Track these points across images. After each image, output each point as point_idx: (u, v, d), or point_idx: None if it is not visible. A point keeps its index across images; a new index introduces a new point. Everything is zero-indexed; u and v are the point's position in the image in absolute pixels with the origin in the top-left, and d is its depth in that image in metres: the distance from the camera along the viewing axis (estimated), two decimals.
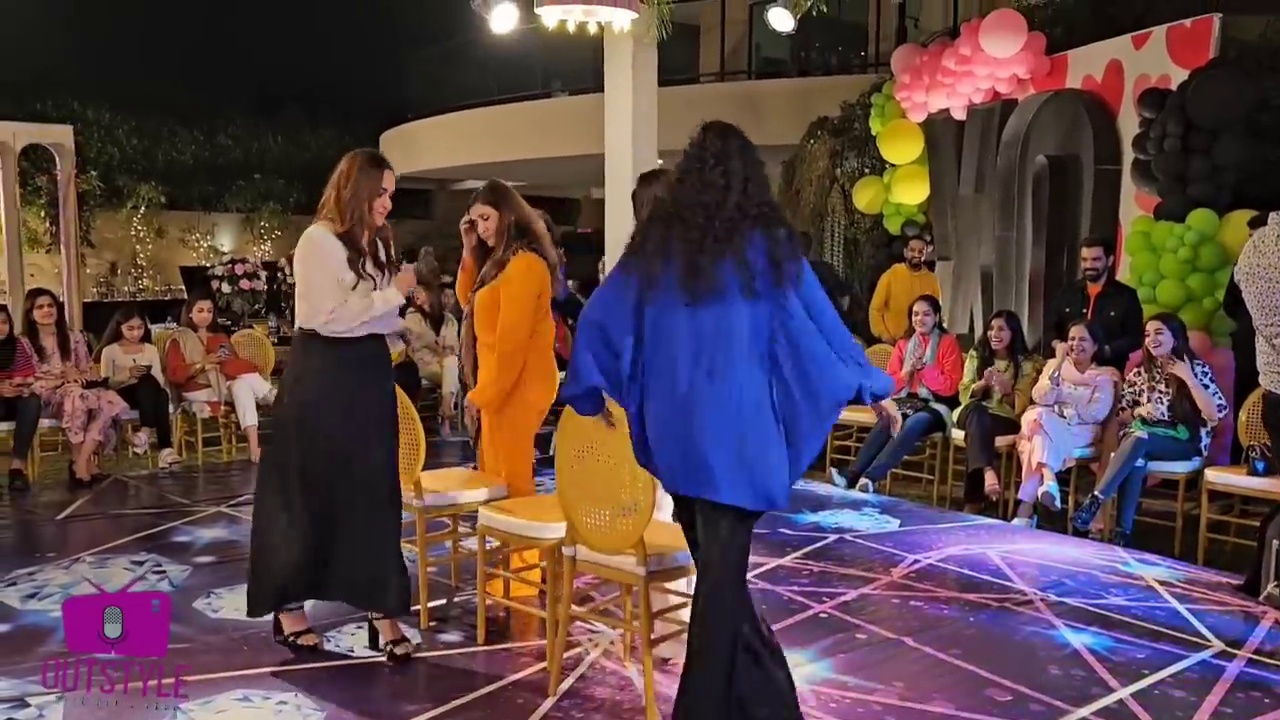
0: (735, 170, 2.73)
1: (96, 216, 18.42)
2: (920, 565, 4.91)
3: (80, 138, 18.68)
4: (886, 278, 8.17)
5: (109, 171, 18.76)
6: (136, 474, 6.88)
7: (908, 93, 9.30)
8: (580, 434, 3.20)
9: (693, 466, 2.68)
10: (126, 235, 19.20)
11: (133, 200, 18.86)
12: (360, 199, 3.59)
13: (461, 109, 17.40)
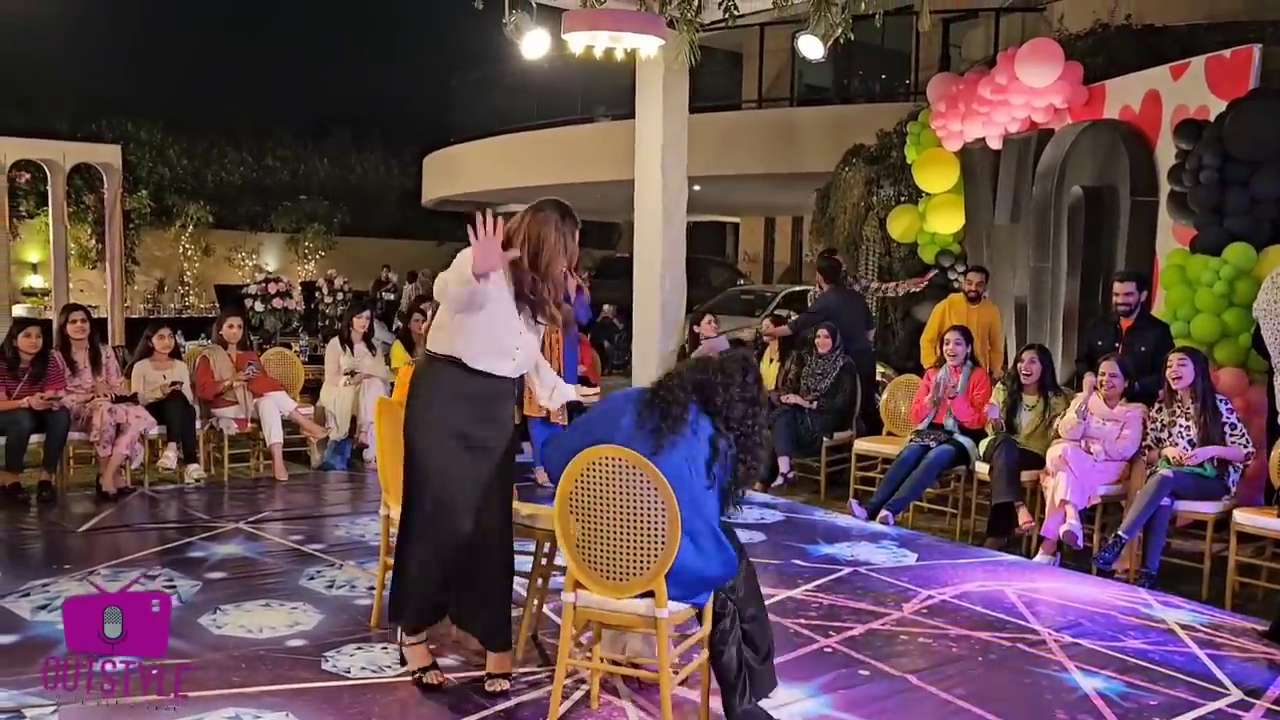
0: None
1: (146, 234, 18.86)
2: (934, 601, 4.81)
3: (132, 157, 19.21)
4: (942, 308, 7.88)
5: (159, 191, 19.22)
6: (163, 488, 6.96)
7: (943, 121, 9.23)
8: (590, 475, 3.10)
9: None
10: (175, 253, 19.63)
11: (181, 219, 19.28)
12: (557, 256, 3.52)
13: (503, 133, 17.59)
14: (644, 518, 3.00)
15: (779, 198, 17.22)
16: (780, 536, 6.00)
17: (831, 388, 7.49)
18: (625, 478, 3.00)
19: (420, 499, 3.54)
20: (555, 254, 3.51)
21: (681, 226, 8.57)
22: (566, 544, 3.12)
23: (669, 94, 8.38)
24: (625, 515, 3.02)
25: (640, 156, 8.65)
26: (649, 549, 3.02)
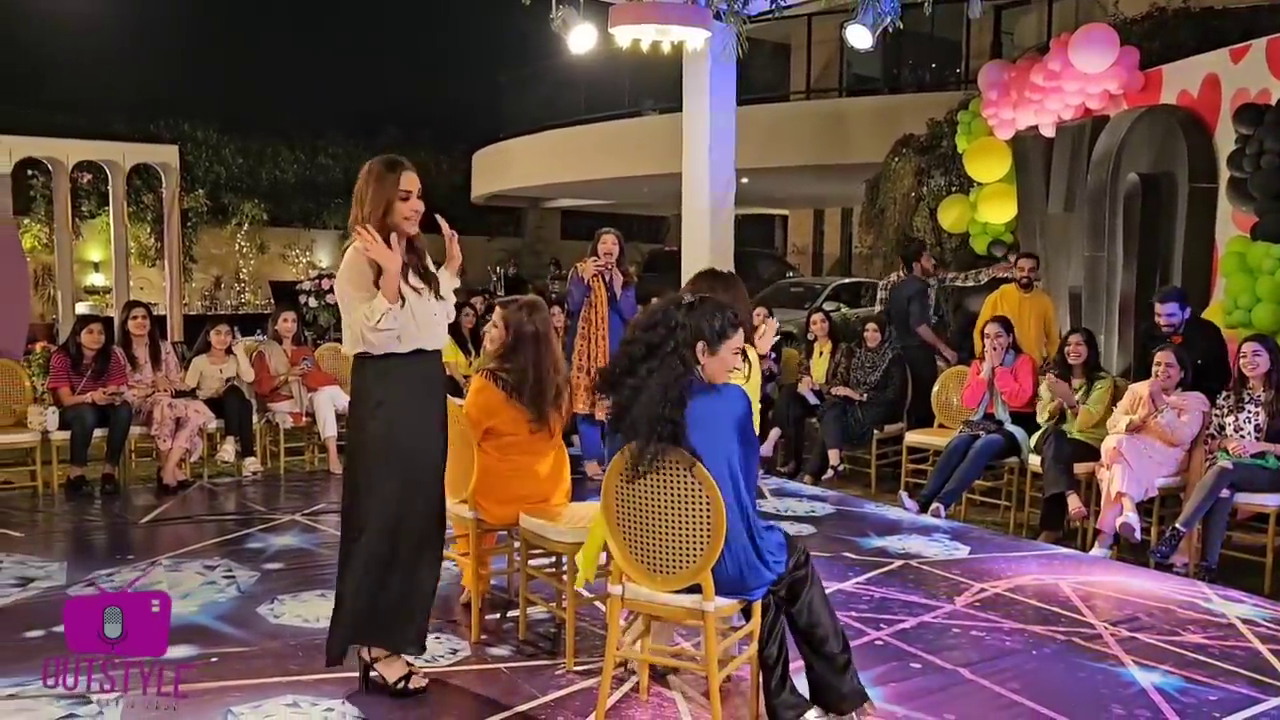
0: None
1: (203, 232, 19.22)
2: (986, 594, 4.76)
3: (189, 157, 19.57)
4: (994, 298, 7.64)
5: (215, 189, 19.56)
6: (221, 481, 7.10)
7: (995, 110, 9.10)
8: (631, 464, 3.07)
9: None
10: (231, 251, 19.97)
11: (237, 217, 19.61)
12: (378, 208, 3.35)
13: (551, 128, 17.66)
14: (690, 512, 3.00)
15: (827, 189, 17.10)
16: (831, 529, 5.97)
17: (881, 380, 7.44)
18: (670, 472, 3.00)
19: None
20: (376, 205, 3.36)
21: (729, 220, 8.55)
22: (613, 537, 3.14)
23: (716, 86, 8.35)
24: (671, 509, 3.02)
25: (688, 150, 8.64)
26: (695, 542, 3.02)
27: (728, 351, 3.13)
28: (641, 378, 3.05)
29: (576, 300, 6.99)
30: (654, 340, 3.07)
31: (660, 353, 3.05)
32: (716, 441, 3.02)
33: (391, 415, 3.41)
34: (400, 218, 3.37)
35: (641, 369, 3.06)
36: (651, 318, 3.12)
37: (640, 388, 3.04)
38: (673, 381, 3.02)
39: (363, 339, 3.36)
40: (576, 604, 3.90)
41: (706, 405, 3.04)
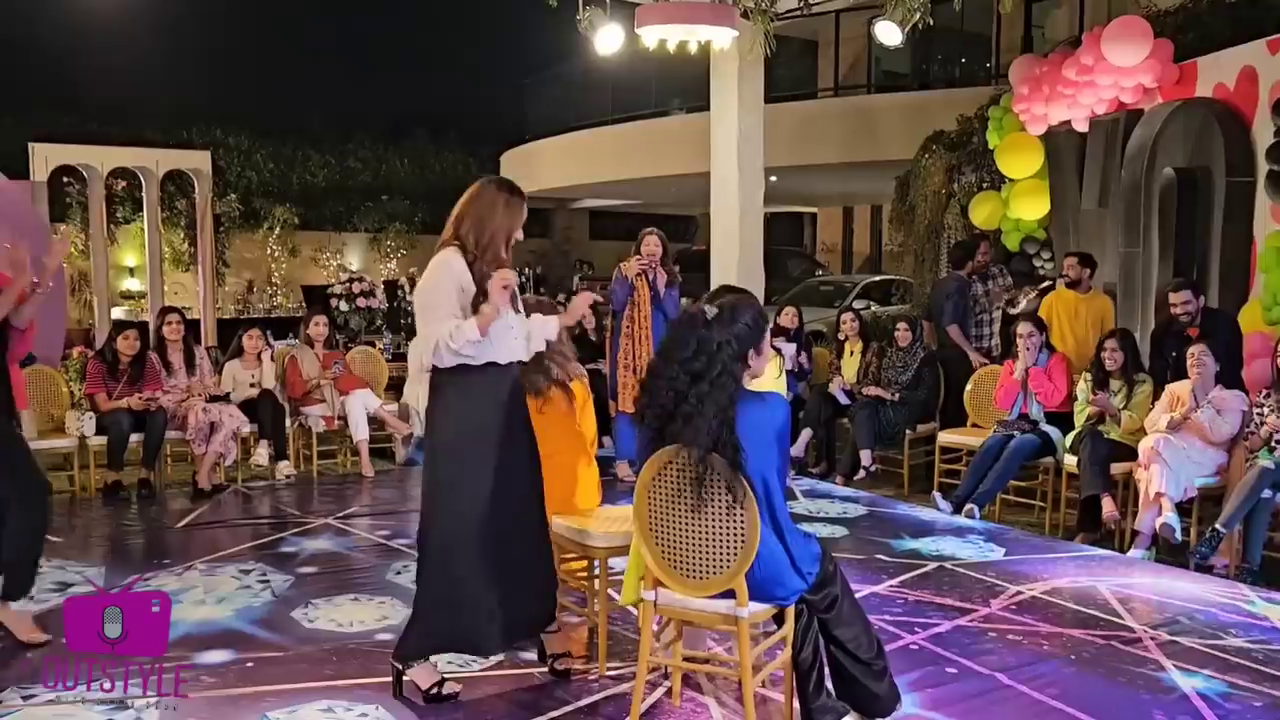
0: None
1: (235, 237, 19.39)
2: (1023, 597, 4.71)
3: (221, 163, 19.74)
4: (1050, 300, 7.38)
5: (247, 194, 19.73)
6: (255, 485, 7.16)
7: (1026, 104, 9.00)
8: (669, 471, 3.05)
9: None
10: (263, 255, 20.12)
11: (269, 221, 19.78)
12: (500, 236, 3.39)
13: (578, 129, 17.66)
14: (724, 517, 2.98)
15: (857, 187, 16.99)
16: (863, 531, 5.93)
17: (913, 379, 7.38)
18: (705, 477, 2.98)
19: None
20: (498, 232, 3.42)
21: (758, 219, 8.52)
22: (645, 541, 3.12)
23: (744, 85, 8.32)
24: (705, 514, 3.00)
25: (716, 149, 8.61)
26: (729, 547, 3.00)
27: (766, 342, 3.14)
28: (693, 405, 2.97)
29: (620, 300, 7.01)
30: (699, 369, 2.98)
31: (709, 376, 2.97)
32: (758, 451, 3.00)
33: (460, 425, 3.47)
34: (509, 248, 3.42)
35: (691, 396, 2.97)
36: (684, 345, 3.00)
37: (693, 414, 2.97)
38: (728, 403, 2.97)
39: (436, 352, 3.38)
40: (608, 608, 3.89)
41: (752, 415, 3.00)
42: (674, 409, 3.00)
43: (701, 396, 2.97)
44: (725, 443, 2.93)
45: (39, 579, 4.84)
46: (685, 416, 2.98)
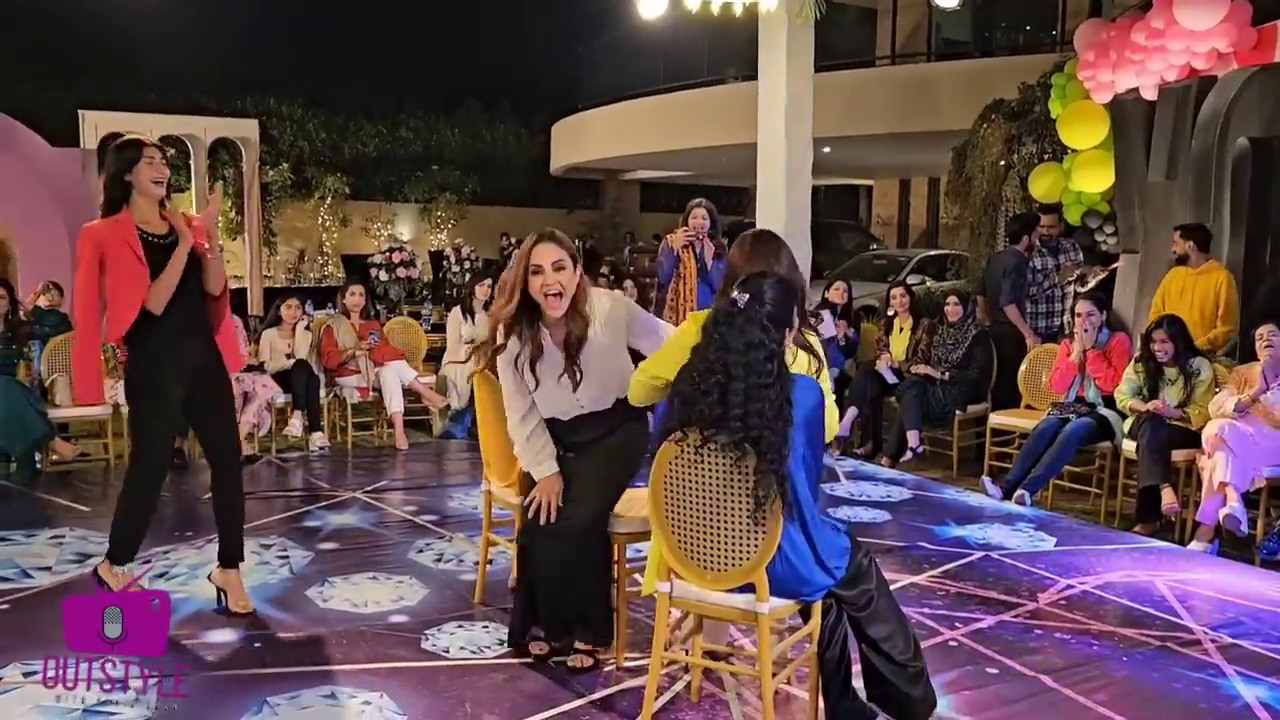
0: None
1: (287, 206, 19.47)
2: (1073, 592, 4.43)
3: (274, 132, 19.79)
4: (1166, 281, 6.80)
5: (300, 163, 19.79)
6: (289, 456, 7.09)
7: (1092, 71, 8.57)
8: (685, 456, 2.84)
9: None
10: (314, 224, 20.20)
11: (320, 191, 19.83)
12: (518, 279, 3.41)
13: (629, 98, 17.40)
14: (743, 506, 2.77)
15: (914, 158, 16.53)
16: (906, 516, 5.68)
17: (964, 358, 7.07)
18: (723, 462, 2.77)
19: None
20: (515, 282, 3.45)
21: (806, 190, 8.20)
22: (661, 528, 2.92)
23: (793, 50, 7.98)
24: (723, 501, 2.79)
25: (763, 117, 8.29)
26: (748, 539, 2.79)
27: (796, 317, 2.95)
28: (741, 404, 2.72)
29: (666, 272, 6.81)
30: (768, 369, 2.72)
31: (774, 374, 2.73)
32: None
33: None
34: (537, 293, 3.38)
35: (772, 401, 2.72)
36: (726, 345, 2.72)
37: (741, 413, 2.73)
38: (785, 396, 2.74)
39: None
40: (629, 596, 3.70)
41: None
42: (723, 414, 2.74)
43: (777, 398, 2.73)
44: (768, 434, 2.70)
45: (61, 547, 4.83)
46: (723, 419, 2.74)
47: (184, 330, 3.85)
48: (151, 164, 3.76)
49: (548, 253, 3.37)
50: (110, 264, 3.73)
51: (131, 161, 3.74)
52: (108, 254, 3.72)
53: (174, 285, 3.76)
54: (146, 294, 3.72)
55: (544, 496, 3.45)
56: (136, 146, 3.78)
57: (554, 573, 3.40)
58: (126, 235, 3.73)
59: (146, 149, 3.77)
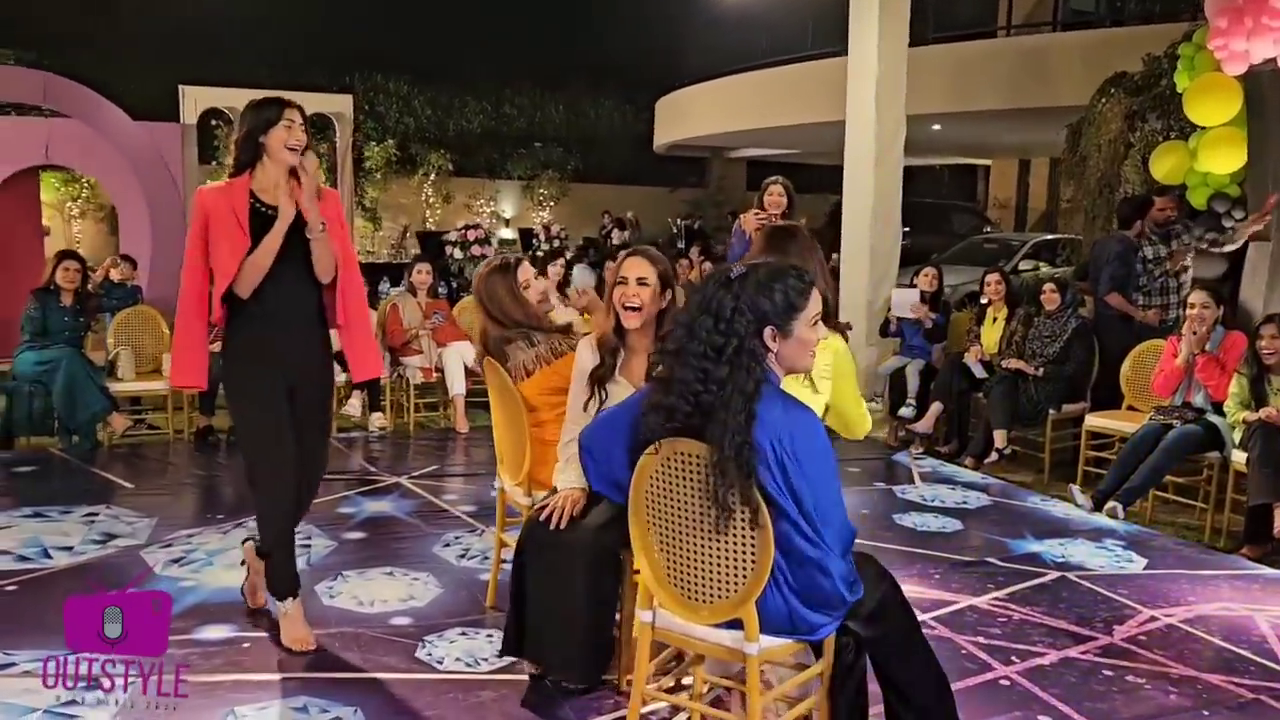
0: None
1: (391, 182, 19.64)
2: (1156, 625, 3.91)
3: (380, 109, 19.95)
4: None
5: (405, 140, 19.92)
6: (346, 436, 6.97)
7: (1224, 40, 7.72)
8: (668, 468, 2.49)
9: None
10: (418, 200, 20.34)
11: (424, 167, 19.93)
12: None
13: (732, 73, 16.90)
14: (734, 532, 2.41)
15: (1032, 137, 15.58)
16: (980, 526, 5.18)
17: (1060, 352, 6.48)
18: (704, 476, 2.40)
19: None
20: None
21: (897, 168, 7.68)
22: (643, 552, 2.58)
23: (886, 19, 7.46)
24: (709, 523, 2.43)
25: (853, 91, 7.80)
26: (736, 569, 2.42)
27: (804, 327, 2.47)
28: (714, 392, 2.38)
29: (736, 254, 6.40)
30: (717, 342, 2.39)
31: (725, 354, 2.38)
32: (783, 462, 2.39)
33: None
34: (618, 303, 3.17)
35: (712, 379, 2.38)
36: (703, 307, 2.42)
37: (714, 404, 2.38)
38: (754, 390, 2.37)
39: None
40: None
41: (778, 419, 2.38)
42: (695, 398, 2.41)
43: (722, 381, 2.38)
44: (743, 445, 2.33)
45: (91, 526, 4.76)
46: (707, 409, 2.39)
47: (286, 322, 3.36)
48: (290, 128, 3.31)
49: (634, 266, 3.16)
50: (214, 234, 3.30)
51: (269, 122, 3.30)
52: (213, 222, 3.30)
53: (264, 266, 3.27)
54: (237, 269, 3.26)
55: (559, 501, 3.11)
56: (277, 106, 3.32)
57: (546, 589, 3.07)
58: (235, 202, 3.30)
59: (288, 109, 3.32)
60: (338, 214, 3.46)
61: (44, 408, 6.38)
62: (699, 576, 2.48)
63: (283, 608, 3.51)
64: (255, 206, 3.31)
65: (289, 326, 3.37)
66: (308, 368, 3.44)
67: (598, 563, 2.98)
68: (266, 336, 3.35)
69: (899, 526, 5.12)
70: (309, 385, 3.46)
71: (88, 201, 16.50)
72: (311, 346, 3.45)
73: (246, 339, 3.36)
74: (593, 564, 2.99)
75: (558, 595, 3.03)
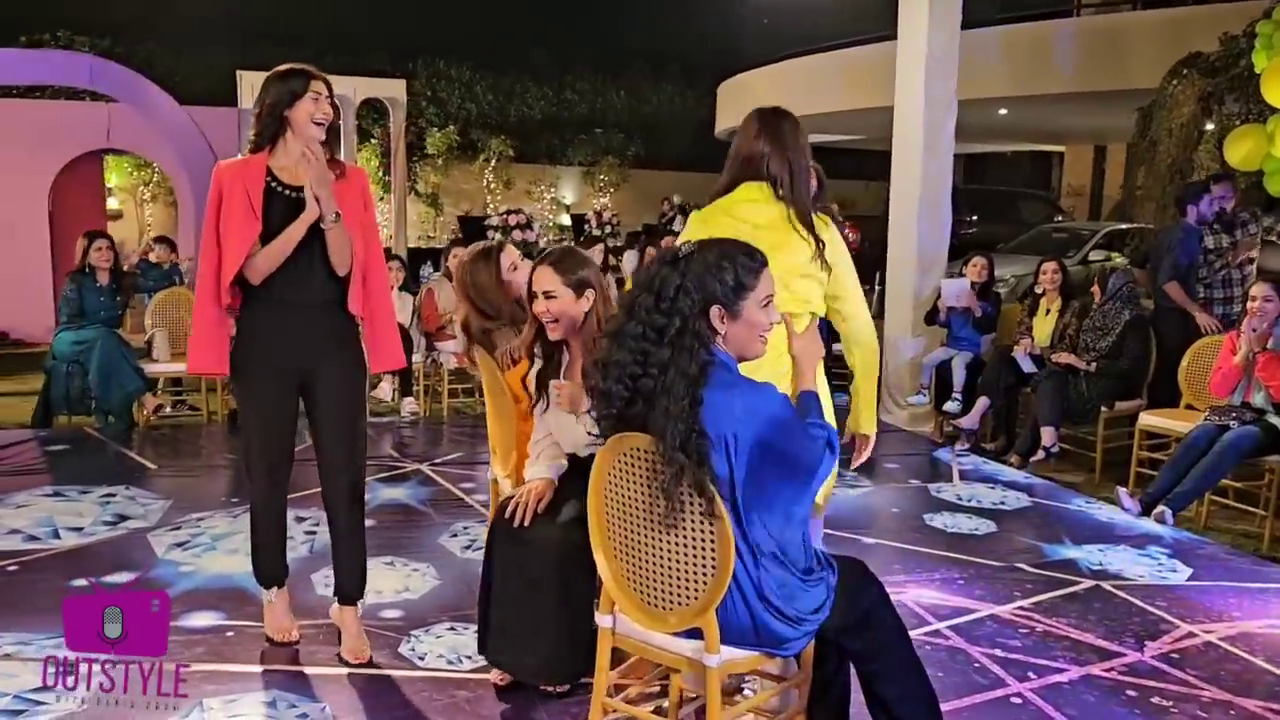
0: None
1: (452, 168, 19.71)
2: (1193, 642, 3.63)
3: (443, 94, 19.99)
4: None
5: (466, 126, 19.97)
6: (378, 421, 6.92)
7: None
8: (624, 464, 2.32)
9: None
10: (479, 186, 20.39)
11: (485, 153, 19.96)
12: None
13: (794, 56, 16.58)
14: (691, 533, 2.24)
15: (1106, 121, 15.00)
16: (1015, 528, 4.91)
17: (1114, 346, 6.14)
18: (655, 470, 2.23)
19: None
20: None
21: (947, 153, 7.35)
22: (603, 552, 2.42)
23: (937, 3, 7.14)
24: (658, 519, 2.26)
25: (902, 73, 7.49)
26: (696, 574, 2.25)
27: (754, 308, 2.29)
28: (655, 377, 2.22)
29: None
30: (657, 322, 2.22)
31: (667, 335, 2.21)
32: (739, 452, 2.21)
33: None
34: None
35: (652, 363, 2.22)
36: (645, 285, 2.27)
37: (655, 390, 2.22)
38: (698, 374, 2.20)
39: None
40: None
41: (733, 404, 2.20)
42: (633, 382, 2.25)
43: (664, 365, 2.21)
44: (690, 433, 2.17)
45: (106, 507, 4.76)
46: (647, 394, 2.24)
47: (299, 310, 3.14)
48: (317, 100, 3.08)
49: (540, 280, 2.95)
50: (225, 212, 3.08)
51: (294, 95, 3.06)
52: (226, 200, 3.08)
53: (279, 257, 3.07)
54: (249, 257, 3.05)
55: (524, 496, 2.98)
56: (303, 78, 3.08)
57: (514, 590, 2.93)
58: (250, 179, 3.07)
59: (314, 81, 3.09)
60: (362, 192, 3.25)
61: (81, 387, 6.45)
62: (658, 581, 2.31)
63: (266, 596, 3.42)
64: (272, 186, 3.10)
65: (302, 314, 3.15)
66: (325, 357, 3.20)
67: (568, 561, 2.82)
68: (277, 326, 3.14)
69: (928, 527, 4.87)
70: (327, 376, 3.22)
71: (158, 185, 16.84)
72: (328, 335, 3.20)
73: (255, 328, 3.15)
74: (563, 563, 2.84)
75: (526, 596, 2.89)
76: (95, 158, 11.35)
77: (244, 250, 3.05)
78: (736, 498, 2.20)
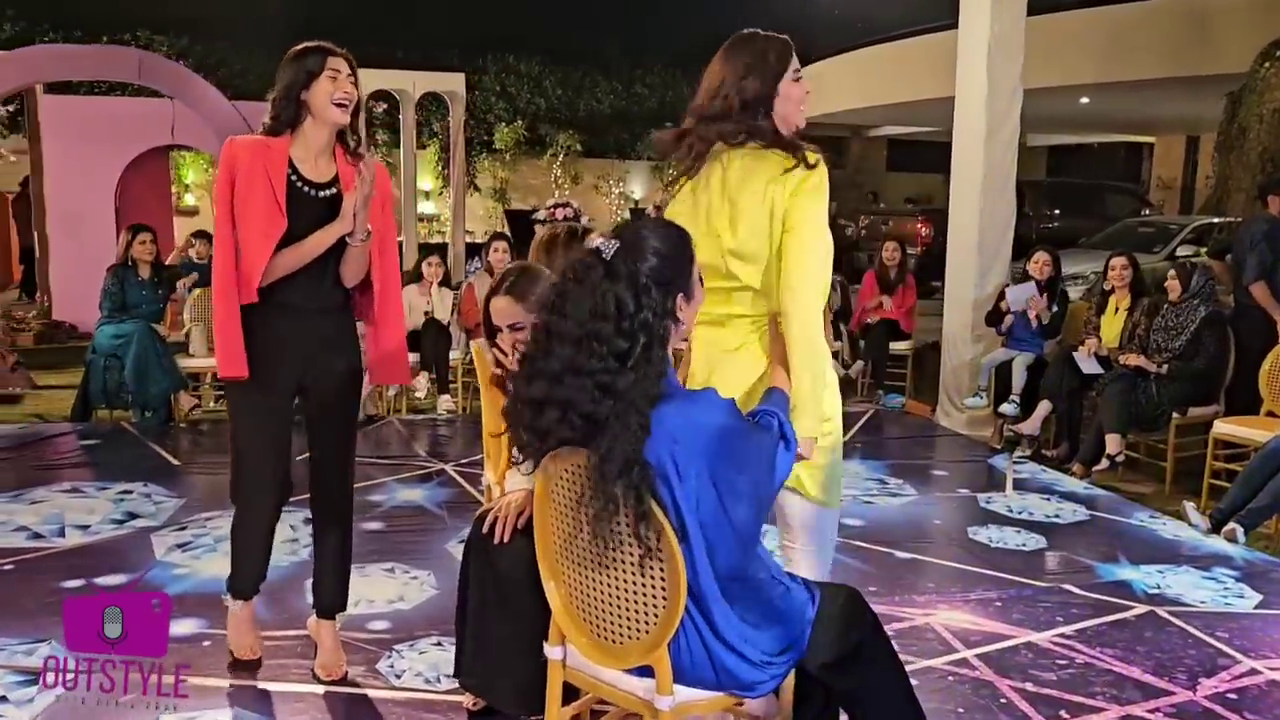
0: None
1: (520, 163, 19.67)
2: (1255, 680, 3.25)
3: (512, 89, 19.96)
4: None
5: (535, 120, 19.91)
6: (413, 418, 6.80)
7: None
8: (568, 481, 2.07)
9: None
10: (547, 181, 20.32)
11: (553, 148, 19.87)
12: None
13: (866, 45, 16.12)
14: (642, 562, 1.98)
15: (1196, 109, 14.23)
16: (1067, 545, 4.53)
17: (1188, 347, 5.69)
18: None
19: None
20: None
21: (1011, 143, 6.93)
22: (551, 578, 2.18)
23: None
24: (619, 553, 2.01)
25: (963, 60, 7.09)
26: (647, 607, 2.00)
27: (698, 284, 2.13)
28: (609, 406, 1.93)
29: None
30: (620, 347, 1.93)
31: (633, 356, 1.93)
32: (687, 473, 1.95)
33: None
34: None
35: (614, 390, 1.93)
36: (593, 312, 1.93)
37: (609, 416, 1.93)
38: (656, 394, 1.94)
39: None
40: None
41: (677, 420, 1.94)
42: (585, 418, 1.98)
43: (625, 392, 1.94)
44: (630, 464, 1.90)
45: (118, 504, 4.69)
46: (599, 421, 1.96)
47: (301, 315, 2.94)
48: (336, 79, 2.83)
49: (501, 314, 2.73)
50: (240, 198, 2.82)
51: (311, 74, 2.81)
52: (239, 181, 2.82)
53: (301, 263, 2.87)
54: (269, 256, 2.82)
55: (502, 511, 2.76)
56: (319, 55, 2.84)
57: (488, 609, 2.71)
58: (271, 167, 2.82)
59: (331, 58, 2.83)
60: (384, 191, 3.00)
61: (119, 382, 6.44)
62: (606, 612, 2.06)
63: (231, 607, 3.25)
64: (294, 181, 2.85)
65: (304, 320, 2.95)
66: (323, 363, 3.00)
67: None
68: (278, 330, 2.91)
69: (971, 542, 4.53)
70: (324, 383, 3.03)
71: None
72: (328, 339, 3.00)
73: (254, 330, 2.88)
74: (538, 582, 2.60)
75: (498, 615, 2.67)
76: (161, 153, 11.49)
77: (268, 249, 2.82)
78: (685, 524, 1.94)
